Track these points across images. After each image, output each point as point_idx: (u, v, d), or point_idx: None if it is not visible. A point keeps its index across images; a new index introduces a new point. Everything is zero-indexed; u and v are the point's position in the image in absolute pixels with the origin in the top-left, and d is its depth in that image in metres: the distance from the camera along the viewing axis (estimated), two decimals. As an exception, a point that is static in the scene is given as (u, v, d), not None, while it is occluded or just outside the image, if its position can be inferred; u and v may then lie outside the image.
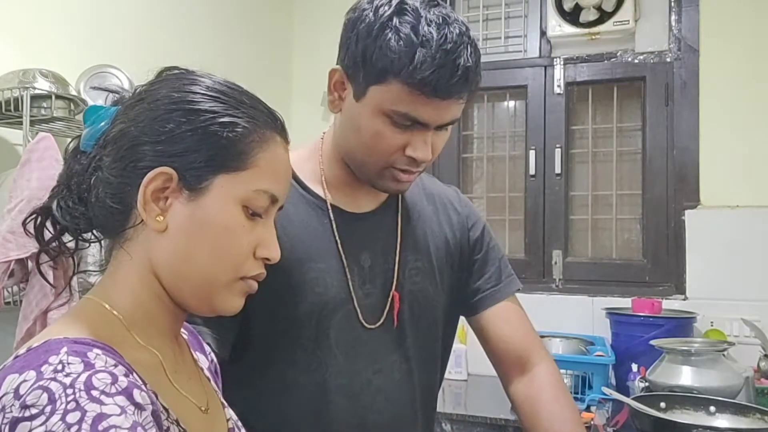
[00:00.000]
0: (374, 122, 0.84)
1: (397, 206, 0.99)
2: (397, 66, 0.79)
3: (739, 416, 1.44)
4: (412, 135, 0.84)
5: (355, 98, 0.85)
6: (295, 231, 0.88)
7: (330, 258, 0.90)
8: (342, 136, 0.90)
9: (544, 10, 2.40)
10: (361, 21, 0.82)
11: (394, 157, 0.86)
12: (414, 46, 0.78)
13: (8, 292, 1.29)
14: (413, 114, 0.82)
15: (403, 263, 0.96)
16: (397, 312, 0.94)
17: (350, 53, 0.83)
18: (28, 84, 1.33)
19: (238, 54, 2.35)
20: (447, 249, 1.04)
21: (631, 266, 2.32)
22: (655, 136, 2.29)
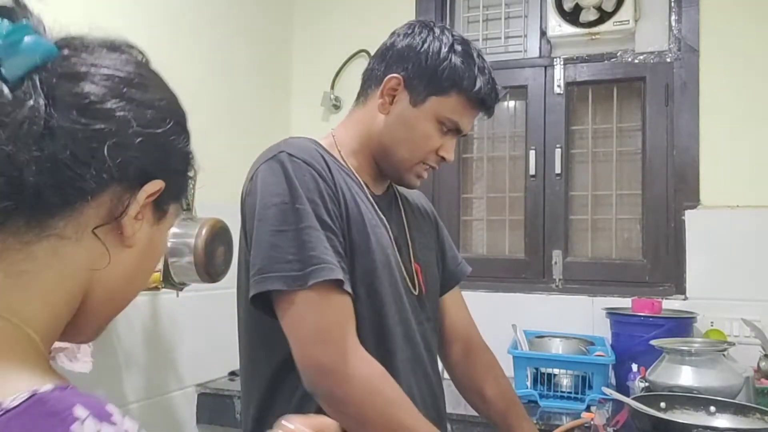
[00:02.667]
0: (427, 125, 1.04)
1: (395, 195, 1.17)
2: (465, 84, 1.02)
3: (739, 416, 1.44)
4: (446, 139, 1.06)
5: (412, 104, 1.04)
6: (353, 192, 1.01)
7: (378, 222, 1.04)
8: (387, 133, 1.05)
9: (544, 10, 2.40)
10: (426, 44, 1.03)
11: (429, 156, 1.07)
12: (475, 71, 1.03)
13: (8, 292, 1.28)
14: (460, 122, 1.06)
15: (413, 238, 1.14)
16: (422, 280, 1.11)
17: (416, 67, 1.03)
18: (28, 84, 1.33)
19: (238, 54, 2.35)
20: (432, 233, 1.24)
21: (631, 266, 2.32)
22: (655, 136, 2.29)
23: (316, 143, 1.04)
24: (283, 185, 0.93)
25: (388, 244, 1.04)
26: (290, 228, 0.90)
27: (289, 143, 0.99)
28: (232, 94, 2.32)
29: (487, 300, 2.39)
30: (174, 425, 2.00)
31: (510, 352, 1.98)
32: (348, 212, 0.98)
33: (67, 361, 1.29)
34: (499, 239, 2.54)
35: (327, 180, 0.96)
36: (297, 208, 0.91)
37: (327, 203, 0.94)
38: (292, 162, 0.95)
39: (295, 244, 0.89)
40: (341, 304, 0.92)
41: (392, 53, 1.06)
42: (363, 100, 1.10)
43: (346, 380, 0.88)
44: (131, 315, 1.83)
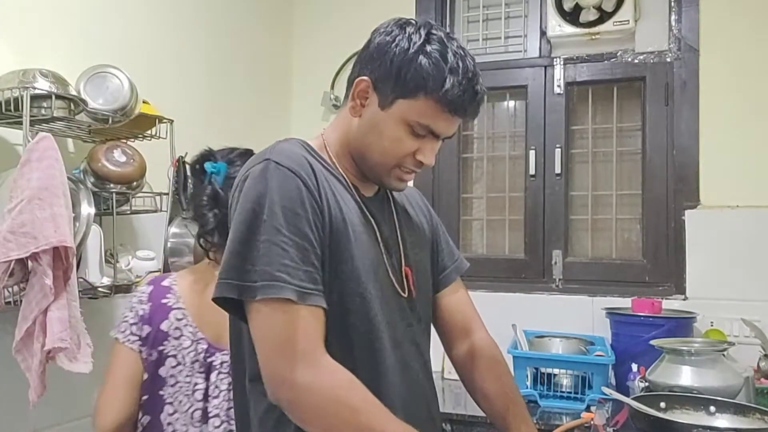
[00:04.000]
0: (396, 129, 1.00)
1: (387, 195, 1.15)
2: (431, 86, 0.97)
3: (739, 416, 1.44)
4: (423, 143, 1.02)
5: (380, 107, 1.00)
6: (339, 197, 1.00)
7: (366, 226, 1.03)
8: (360, 137, 1.03)
9: (544, 10, 2.40)
10: (394, 44, 0.99)
11: (405, 160, 1.03)
12: (444, 71, 0.97)
13: (8, 292, 1.28)
14: (432, 126, 1.00)
15: (404, 238, 1.12)
16: (412, 283, 1.10)
17: (383, 69, 0.99)
18: (28, 84, 1.32)
19: (238, 54, 2.35)
20: (426, 231, 1.22)
21: (631, 266, 2.32)
22: (655, 136, 2.29)
23: (306, 146, 1.04)
24: (260, 195, 0.92)
25: (375, 249, 1.02)
26: (254, 239, 0.90)
27: (278, 150, 0.98)
28: (233, 94, 2.32)
29: (486, 300, 2.36)
30: (174, 425, 1.99)
31: (510, 352, 1.98)
32: (332, 220, 0.97)
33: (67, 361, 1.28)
34: (498, 239, 2.54)
35: (311, 189, 0.95)
36: (265, 220, 0.90)
37: (309, 214, 0.93)
38: (277, 171, 0.93)
39: (253, 256, 0.89)
40: (304, 316, 0.90)
41: (366, 54, 1.03)
42: (346, 102, 1.08)
43: (307, 391, 0.87)
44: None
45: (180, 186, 1.69)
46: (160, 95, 1.79)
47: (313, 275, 0.92)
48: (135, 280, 1.61)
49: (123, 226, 1.72)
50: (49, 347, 1.22)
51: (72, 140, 1.65)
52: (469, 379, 1.24)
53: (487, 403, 1.21)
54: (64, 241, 1.24)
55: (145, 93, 1.61)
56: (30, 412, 1.46)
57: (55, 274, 1.25)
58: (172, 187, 1.68)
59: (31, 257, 1.23)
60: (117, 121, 1.50)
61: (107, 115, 1.48)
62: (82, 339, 1.32)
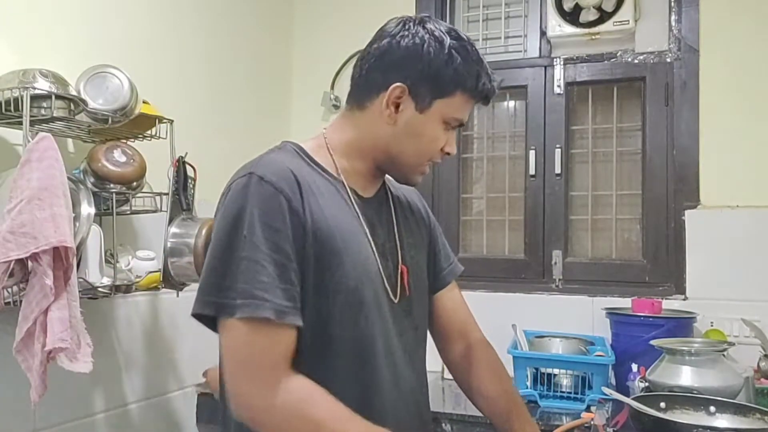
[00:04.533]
0: (436, 128, 1.04)
1: (387, 194, 1.15)
2: (468, 83, 1.02)
3: (739, 416, 1.44)
4: (449, 135, 1.07)
5: (418, 111, 1.02)
6: (331, 205, 0.99)
7: (358, 231, 1.02)
8: (395, 143, 1.04)
9: (544, 10, 2.40)
10: (426, 45, 1.00)
11: (435, 155, 1.08)
12: (475, 67, 1.02)
13: (8, 292, 1.28)
14: (463, 118, 1.06)
15: (402, 239, 1.12)
16: (407, 283, 1.09)
17: (418, 73, 1.00)
18: (28, 84, 1.32)
19: (238, 54, 2.35)
20: (424, 232, 1.22)
21: (631, 266, 2.32)
22: (655, 136, 2.29)
23: (299, 151, 1.04)
24: (241, 210, 0.91)
25: (368, 256, 1.02)
26: (233, 255, 0.89)
27: (263, 163, 0.97)
28: (233, 94, 2.32)
29: (486, 300, 2.39)
30: (174, 425, 1.99)
31: (510, 352, 1.98)
32: (318, 233, 0.95)
33: (67, 361, 1.28)
34: (498, 239, 2.54)
35: (293, 204, 0.93)
36: (245, 236, 0.89)
37: (289, 230, 0.92)
38: (258, 185, 0.92)
39: (232, 273, 0.88)
40: (273, 336, 0.89)
41: (390, 59, 1.02)
42: (359, 105, 1.06)
43: (266, 412, 0.88)
44: (131, 315, 1.84)
45: (180, 186, 1.70)
46: (160, 95, 1.79)
47: (291, 292, 0.91)
48: (135, 280, 1.61)
49: (123, 226, 1.72)
50: (49, 347, 1.22)
51: (72, 140, 1.65)
52: (467, 380, 1.23)
53: (488, 404, 1.21)
54: (64, 241, 1.24)
55: (145, 93, 1.61)
56: (31, 412, 1.47)
57: (56, 274, 1.25)
58: (172, 187, 1.69)
59: (31, 257, 1.23)
60: (117, 121, 1.50)
61: (107, 115, 1.48)
62: (82, 339, 1.32)
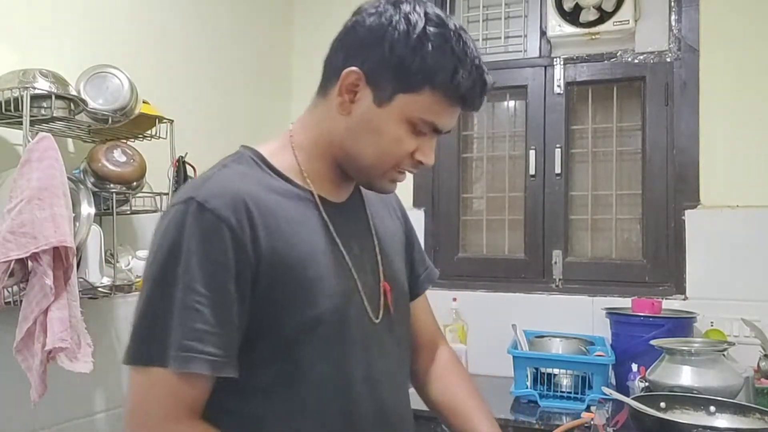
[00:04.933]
0: (396, 128, 0.87)
1: (361, 197, 1.02)
2: (440, 78, 0.83)
3: (739, 416, 1.44)
4: (422, 141, 0.89)
5: (376, 103, 0.86)
6: (296, 227, 0.87)
7: (331, 249, 0.90)
8: (350, 138, 0.89)
9: (544, 10, 2.40)
10: (391, 27, 0.84)
11: (403, 161, 0.90)
12: (453, 60, 0.83)
13: (8, 292, 1.29)
14: (437, 122, 0.87)
15: (381, 251, 0.99)
16: (390, 300, 0.97)
17: (379, 59, 0.84)
18: (28, 84, 1.33)
19: (238, 54, 2.35)
20: (400, 237, 1.09)
21: (631, 266, 2.32)
22: (655, 136, 2.28)
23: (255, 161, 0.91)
24: (175, 244, 0.79)
25: (344, 276, 0.90)
26: (167, 298, 0.78)
27: (208, 185, 0.84)
28: (233, 94, 2.32)
29: (487, 300, 2.39)
30: (174, 425, 1.99)
31: (510, 352, 1.98)
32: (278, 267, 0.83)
33: (67, 361, 1.29)
34: (498, 239, 2.54)
35: (239, 236, 0.80)
36: (179, 276, 0.78)
37: (231, 267, 0.80)
38: (199, 214, 0.80)
39: (166, 320, 0.78)
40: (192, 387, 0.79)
41: (353, 39, 0.88)
42: (323, 93, 0.93)
43: None
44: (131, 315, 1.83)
45: (180, 186, 1.70)
46: (160, 95, 1.79)
47: (230, 338, 0.80)
48: (135, 280, 1.61)
49: (123, 226, 1.72)
50: (49, 347, 1.23)
51: (72, 140, 1.65)
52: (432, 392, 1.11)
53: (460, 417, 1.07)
54: (64, 241, 1.24)
55: (145, 93, 1.61)
56: (31, 412, 1.46)
57: (56, 274, 1.25)
58: (172, 187, 1.69)
59: (31, 257, 1.23)
60: (117, 121, 1.50)
61: (107, 115, 1.48)
62: (82, 339, 1.33)
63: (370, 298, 0.93)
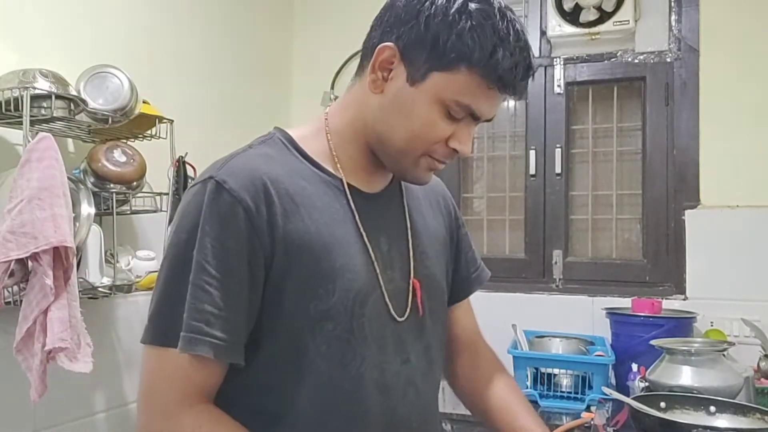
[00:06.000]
0: (429, 110, 0.81)
1: (400, 189, 0.96)
2: (477, 56, 0.78)
3: (739, 416, 1.44)
4: (459, 127, 0.84)
5: (409, 82, 0.81)
6: (318, 215, 0.83)
7: (354, 241, 0.85)
8: (381, 119, 0.85)
9: (544, 10, 2.40)
10: (429, 2, 0.80)
11: (435, 148, 0.85)
12: (493, 39, 0.78)
13: (8, 292, 1.29)
14: (474, 106, 0.82)
15: (415, 248, 0.93)
16: (420, 300, 0.92)
17: (414, 33, 0.80)
18: (28, 84, 1.33)
19: (238, 54, 2.35)
20: (443, 234, 1.03)
21: (631, 266, 2.32)
22: (655, 136, 2.28)
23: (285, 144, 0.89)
24: (194, 223, 0.78)
25: (365, 271, 0.85)
26: (181, 279, 0.77)
27: (230, 164, 0.82)
28: (233, 94, 2.32)
29: (487, 300, 2.36)
30: (174, 425, 1.99)
31: (510, 352, 1.98)
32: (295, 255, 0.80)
33: (67, 361, 1.28)
34: (499, 239, 2.54)
35: (256, 221, 0.78)
36: (194, 256, 0.77)
37: (244, 251, 0.78)
38: (216, 195, 0.78)
39: (179, 300, 0.77)
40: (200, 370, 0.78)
41: (389, 15, 0.84)
42: (360, 73, 0.89)
43: None
44: (131, 315, 1.83)
45: (180, 186, 1.70)
46: (160, 95, 1.79)
47: (237, 324, 0.78)
48: (135, 280, 1.61)
49: (123, 226, 1.72)
50: (49, 347, 1.23)
51: (72, 140, 1.65)
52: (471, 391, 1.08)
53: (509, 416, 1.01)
54: (64, 241, 1.24)
55: (145, 93, 1.61)
56: (31, 412, 1.47)
57: (56, 274, 1.25)
58: (172, 187, 1.68)
59: (31, 257, 1.23)
60: (117, 121, 1.50)
61: (107, 115, 1.48)
62: (82, 339, 1.32)
63: (395, 296, 0.88)
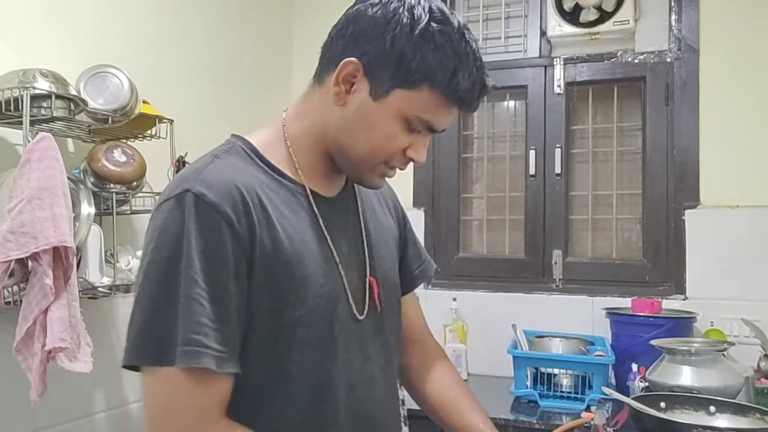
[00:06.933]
0: (391, 124, 0.85)
1: (353, 191, 1.00)
2: (439, 77, 0.82)
3: (739, 416, 1.44)
4: (415, 138, 0.88)
5: (372, 96, 0.84)
6: (287, 223, 0.85)
7: (321, 247, 0.88)
8: (343, 130, 0.88)
9: (544, 10, 2.40)
10: (395, 20, 0.82)
11: (394, 157, 0.89)
12: (453, 60, 0.82)
13: (8, 292, 1.29)
14: (433, 121, 0.86)
15: (370, 247, 0.97)
16: (378, 298, 0.95)
17: (379, 51, 0.83)
18: (28, 84, 1.33)
19: (238, 54, 2.35)
20: (393, 232, 1.07)
21: (631, 266, 2.32)
22: (655, 136, 2.29)
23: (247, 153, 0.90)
24: (177, 238, 0.78)
25: (332, 274, 0.88)
26: (171, 294, 0.77)
27: (203, 176, 0.81)
28: (233, 94, 2.32)
29: (487, 300, 2.39)
30: (174, 425, 1.99)
31: (510, 352, 1.99)
32: (270, 263, 0.82)
33: (67, 360, 1.28)
34: (499, 239, 2.54)
35: (237, 229, 0.79)
36: (182, 270, 0.77)
37: (230, 260, 0.79)
38: (197, 207, 0.78)
39: (172, 316, 0.76)
40: (207, 386, 0.78)
41: (353, 29, 0.86)
42: (319, 80, 0.92)
43: None
44: (131, 315, 1.83)
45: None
46: (160, 95, 1.79)
47: (230, 334, 0.79)
48: (135, 280, 1.61)
49: (123, 226, 1.72)
50: (49, 347, 1.23)
51: (72, 140, 1.65)
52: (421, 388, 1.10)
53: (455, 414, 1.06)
54: (64, 241, 1.24)
55: (145, 93, 1.61)
56: (31, 412, 1.47)
57: (56, 274, 1.25)
58: (172, 187, 1.68)
59: (31, 257, 1.23)
60: (117, 121, 1.50)
61: (107, 115, 1.48)
62: (82, 339, 1.33)
63: (355, 296, 0.91)
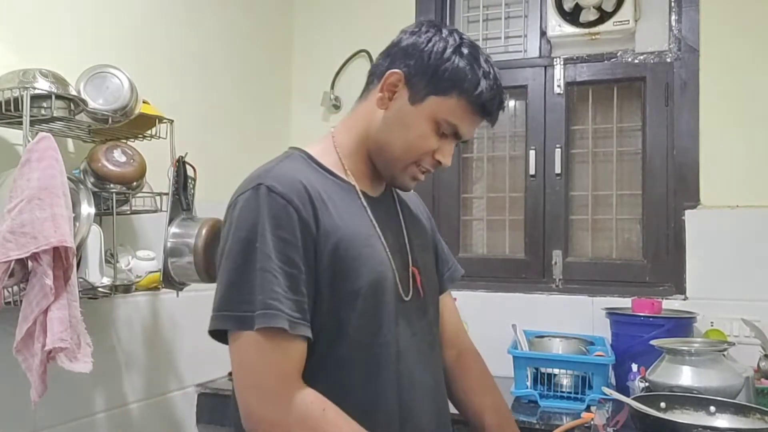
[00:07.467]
0: (424, 125, 1.03)
1: (392, 194, 1.18)
2: (466, 86, 1.01)
3: (739, 416, 1.44)
4: (443, 143, 1.05)
5: (410, 102, 1.03)
6: (343, 212, 1.00)
7: (372, 233, 1.04)
8: (384, 130, 1.05)
9: (544, 10, 2.40)
10: (431, 43, 1.02)
11: (424, 158, 1.06)
12: (479, 75, 1.01)
13: (8, 292, 1.29)
14: (459, 126, 1.04)
15: (411, 241, 1.13)
16: (420, 285, 1.11)
17: (418, 64, 1.02)
18: (28, 84, 1.33)
19: (238, 54, 2.35)
20: (428, 234, 1.24)
21: (631, 266, 2.32)
22: (655, 136, 2.29)
23: (306, 158, 1.05)
24: (254, 223, 0.93)
25: (383, 257, 1.03)
26: (249, 268, 0.91)
27: (271, 173, 0.98)
28: (233, 94, 2.32)
29: (487, 300, 2.39)
30: (174, 425, 1.99)
31: (510, 352, 1.98)
32: (331, 243, 0.96)
33: (67, 361, 1.28)
34: (499, 239, 2.54)
35: (303, 216, 0.94)
36: (258, 248, 0.91)
37: (299, 241, 0.93)
38: (269, 197, 0.94)
39: (250, 286, 0.90)
40: (286, 349, 0.91)
41: (397, 50, 1.06)
42: (365, 95, 1.10)
43: (280, 426, 0.89)
44: (131, 315, 1.84)
45: (180, 186, 1.70)
46: (160, 95, 1.79)
47: (301, 304, 0.92)
48: (135, 280, 1.61)
49: (123, 226, 1.72)
50: (49, 347, 1.23)
51: (72, 140, 1.65)
52: (457, 389, 1.24)
53: (477, 418, 1.22)
54: (64, 241, 1.24)
55: (145, 93, 1.61)
56: (31, 412, 1.47)
57: (56, 274, 1.25)
58: (172, 187, 1.69)
59: (31, 257, 1.23)
60: (117, 121, 1.50)
61: (107, 115, 1.48)
62: (82, 339, 1.32)
63: (401, 279, 1.05)
